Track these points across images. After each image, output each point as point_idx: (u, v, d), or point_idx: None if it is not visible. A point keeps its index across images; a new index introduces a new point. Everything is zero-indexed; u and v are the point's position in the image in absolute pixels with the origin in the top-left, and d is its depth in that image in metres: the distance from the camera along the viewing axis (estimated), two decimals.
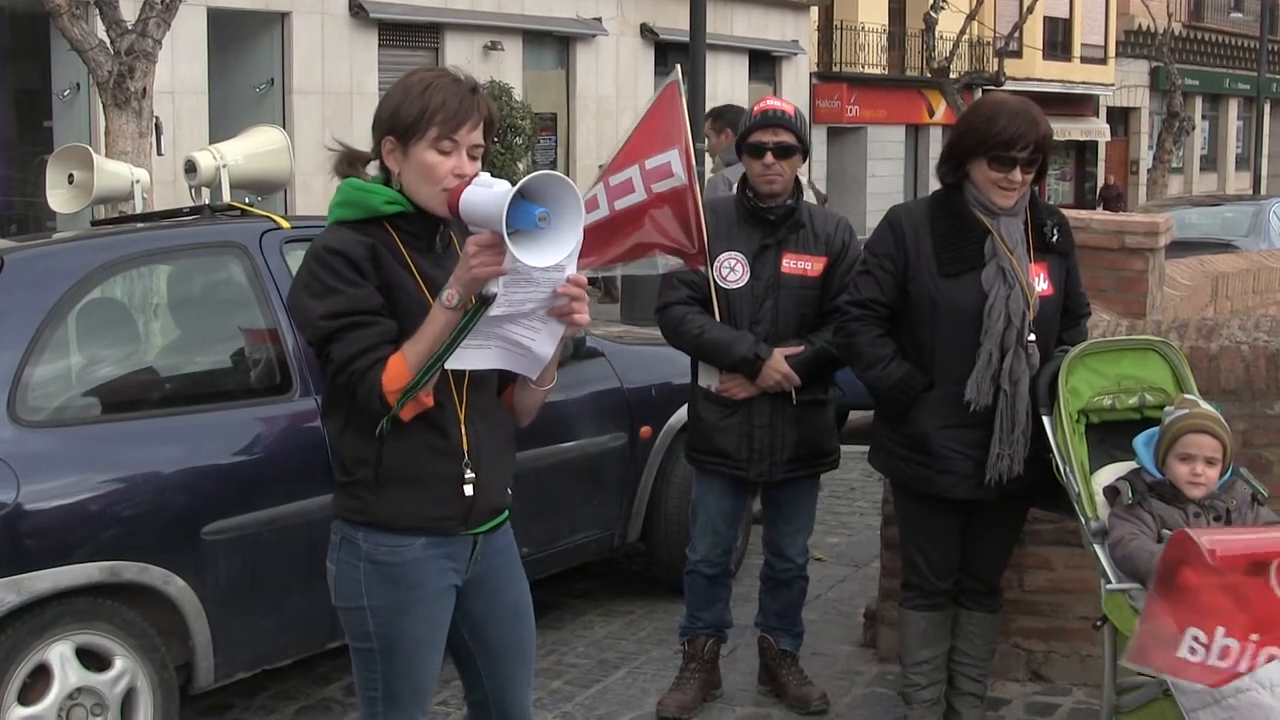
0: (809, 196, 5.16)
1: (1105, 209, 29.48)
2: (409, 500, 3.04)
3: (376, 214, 3.04)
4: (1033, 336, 4.18)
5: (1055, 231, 4.31)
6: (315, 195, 16.12)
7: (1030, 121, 4.15)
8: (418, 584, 3.09)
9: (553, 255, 2.82)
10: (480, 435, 3.10)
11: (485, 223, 2.85)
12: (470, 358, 2.96)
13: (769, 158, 4.75)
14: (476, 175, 2.96)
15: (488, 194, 2.86)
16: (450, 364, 2.93)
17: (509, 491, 3.24)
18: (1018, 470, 4.20)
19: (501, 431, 3.19)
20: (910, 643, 4.54)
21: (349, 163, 3.13)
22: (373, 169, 3.15)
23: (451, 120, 3.01)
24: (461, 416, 3.07)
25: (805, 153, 4.83)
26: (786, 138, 4.77)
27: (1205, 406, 4.00)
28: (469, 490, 3.08)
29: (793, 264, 4.79)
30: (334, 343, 2.95)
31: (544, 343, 3.01)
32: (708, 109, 8.61)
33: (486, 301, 2.88)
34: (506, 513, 3.25)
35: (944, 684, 4.57)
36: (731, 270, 4.81)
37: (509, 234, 2.75)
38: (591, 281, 3.40)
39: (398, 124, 3.02)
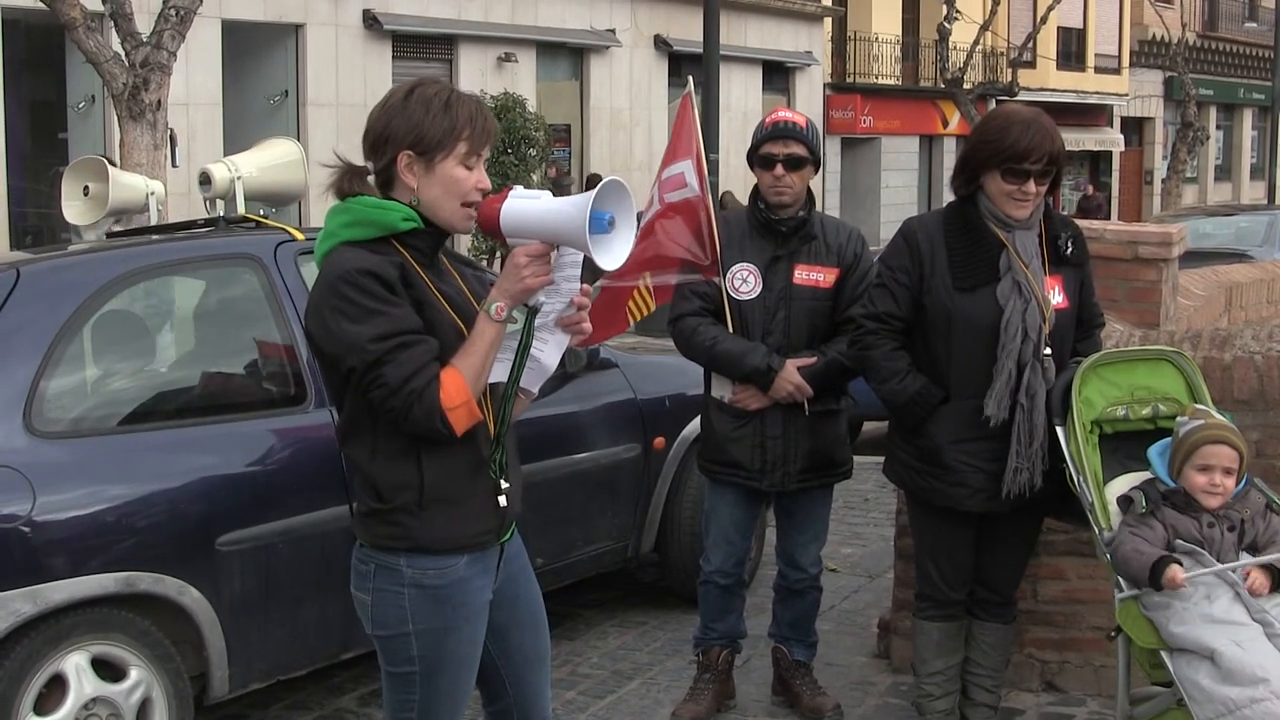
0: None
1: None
2: (453, 520, 3.01)
3: (392, 232, 2.99)
4: (1049, 350, 4.17)
5: (1070, 244, 4.30)
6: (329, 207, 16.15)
7: (1043, 133, 4.14)
8: (462, 603, 3.07)
9: (618, 258, 2.85)
10: (505, 446, 3.10)
11: (543, 233, 2.86)
12: (495, 371, 2.97)
13: (779, 169, 4.76)
14: (511, 189, 2.96)
15: (550, 205, 2.87)
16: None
17: None
18: (1037, 483, 4.19)
19: (514, 439, 3.20)
20: (924, 653, 4.53)
21: (356, 178, 3.06)
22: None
23: (480, 136, 3.01)
24: (493, 431, 3.05)
25: (816, 164, 4.83)
26: (797, 149, 4.77)
27: (1218, 416, 3.99)
28: (503, 502, 3.08)
29: (805, 275, 4.80)
30: (385, 365, 2.87)
31: (551, 353, 3.03)
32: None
33: (536, 311, 2.92)
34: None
35: (958, 694, 4.56)
36: (744, 281, 4.82)
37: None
38: None
39: (423, 139, 2.97)
